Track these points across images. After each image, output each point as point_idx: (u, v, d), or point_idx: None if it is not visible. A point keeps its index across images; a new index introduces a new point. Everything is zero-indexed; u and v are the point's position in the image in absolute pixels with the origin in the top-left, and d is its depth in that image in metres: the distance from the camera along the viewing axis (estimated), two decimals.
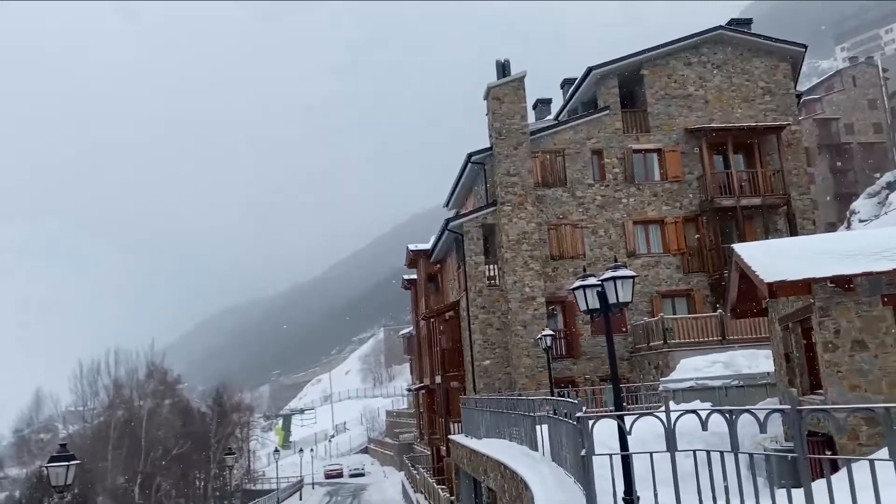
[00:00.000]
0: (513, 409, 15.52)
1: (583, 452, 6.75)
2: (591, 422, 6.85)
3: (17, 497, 47.03)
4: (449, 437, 24.95)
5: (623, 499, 6.66)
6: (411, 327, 55.08)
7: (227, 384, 68.60)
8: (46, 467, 15.63)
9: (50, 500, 39.00)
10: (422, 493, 37.05)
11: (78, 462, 15.87)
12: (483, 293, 26.17)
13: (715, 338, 21.76)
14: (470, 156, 27.50)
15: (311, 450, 77.69)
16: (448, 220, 27.79)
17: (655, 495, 6.45)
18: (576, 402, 8.67)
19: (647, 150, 27.39)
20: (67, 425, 59.91)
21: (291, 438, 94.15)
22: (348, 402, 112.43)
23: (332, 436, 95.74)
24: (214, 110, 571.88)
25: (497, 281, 26.18)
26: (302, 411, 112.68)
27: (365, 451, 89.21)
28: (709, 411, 6.02)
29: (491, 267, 26.51)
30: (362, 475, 71.84)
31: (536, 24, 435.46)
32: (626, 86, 28.11)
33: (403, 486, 47.61)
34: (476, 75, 40.54)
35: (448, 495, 27.17)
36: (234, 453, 40.34)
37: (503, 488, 14.40)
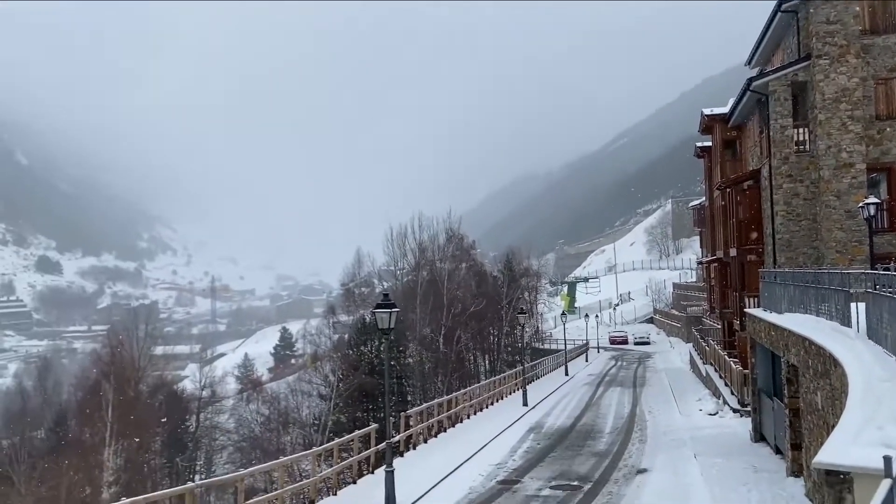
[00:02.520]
0: (823, 283, 14.35)
1: None
2: None
3: (347, 338, 55.58)
4: (745, 310, 23.96)
5: None
6: (702, 198, 52.46)
7: (516, 251, 72.25)
8: (374, 312, 18.21)
9: (372, 340, 45.49)
10: (711, 364, 36.51)
11: (397, 310, 18.24)
12: (789, 160, 23.82)
13: None
14: (780, 3, 24.37)
15: (596, 316, 79.85)
16: (750, 80, 25.29)
17: None
18: None
19: None
20: (382, 282, 68.19)
21: (576, 305, 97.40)
22: (632, 274, 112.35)
23: (617, 304, 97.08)
24: None
25: (807, 146, 23.58)
26: (586, 279, 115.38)
27: (650, 321, 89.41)
28: None
29: (800, 131, 23.86)
30: (647, 343, 72.53)
31: None
32: None
33: (691, 356, 47.26)
34: None
35: (741, 368, 26.45)
36: (525, 312, 43.05)
37: (806, 364, 13.65)
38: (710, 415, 27.53)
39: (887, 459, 4.18)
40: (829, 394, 11.59)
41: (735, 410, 26.31)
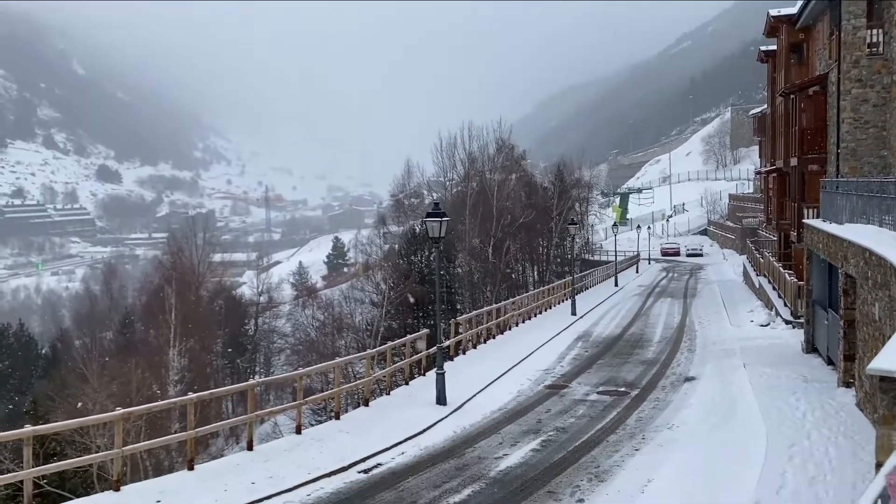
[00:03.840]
0: (889, 193, 13.83)
1: None
2: None
3: (397, 248, 56.36)
4: (803, 221, 23.35)
5: None
6: (764, 105, 50.35)
7: (567, 161, 71.06)
8: (424, 221, 18.38)
9: (422, 250, 46.03)
10: (764, 276, 35.99)
11: (448, 219, 18.34)
12: (860, 63, 22.53)
13: None
14: None
15: (648, 228, 78.82)
16: None
17: None
18: None
19: None
20: (431, 192, 68.23)
21: (628, 216, 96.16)
22: (687, 184, 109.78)
23: (670, 215, 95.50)
24: None
25: (880, 48, 22.20)
26: (640, 190, 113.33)
27: (703, 232, 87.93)
28: None
29: (873, 32, 22.41)
30: (700, 255, 71.59)
31: None
32: None
33: (745, 268, 46.59)
34: None
35: (795, 280, 26.03)
36: (575, 223, 42.76)
37: (865, 275, 13.35)
38: (762, 326, 27.36)
39: None
40: (888, 305, 11.38)
41: (787, 322, 26.07)
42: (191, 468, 12.36)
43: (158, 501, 10.85)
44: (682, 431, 14.63)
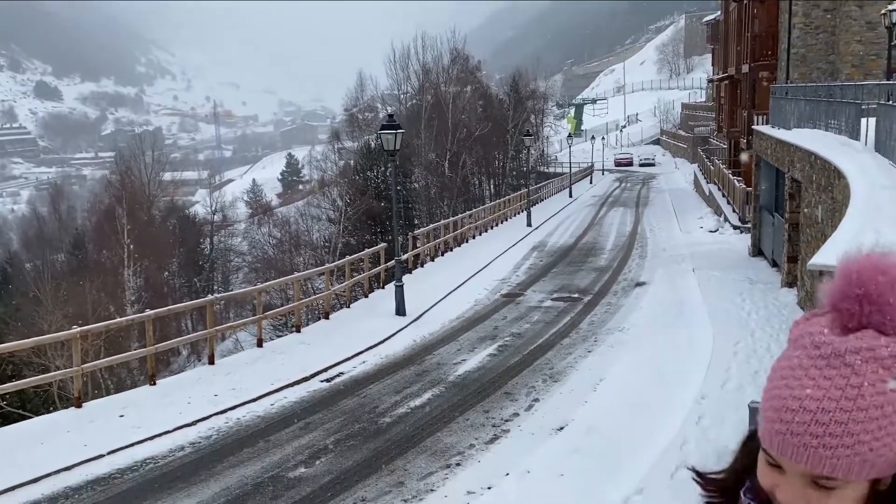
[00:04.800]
0: (835, 97, 14.09)
1: None
2: None
3: (353, 164, 55.69)
4: (753, 127, 23.71)
5: None
6: (718, 12, 50.03)
7: (522, 72, 70.18)
8: (379, 134, 18.14)
9: (378, 165, 45.58)
10: (715, 183, 36.74)
11: (402, 131, 18.14)
12: None
13: None
14: None
15: (602, 138, 79.12)
16: None
17: None
18: None
19: None
20: (385, 106, 66.99)
21: (583, 127, 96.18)
22: (641, 94, 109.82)
23: (624, 126, 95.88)
24: None
25: None
26: (594, 101, 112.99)
27: (656, 142, 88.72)
28: None
29: None
30: (652, 165, 72.48)
31: None
32: None
33: (695, 176, 47.43)
34: None
35: (744, 186, 26.66)
36: (531, 134, 42.66)
37: (810, 179, 13.75)
38: (711, 232, 28.14)
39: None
40: (830, 206, 11.79)
41: (735, 227, 26.85)
42: (153, 383, 12.47)
43: (122, 416, 10.98)
44: (632, 333, 15.19)
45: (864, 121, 12.20)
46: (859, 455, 1.02)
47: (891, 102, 10.33)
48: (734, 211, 28.79)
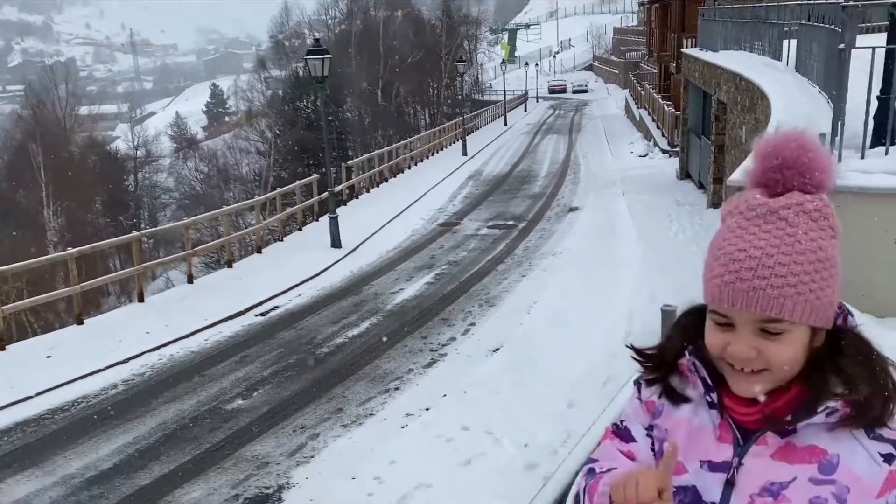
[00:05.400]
0: (760, 18, 14.26)
1: (841, 45, 6.22)
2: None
3: (281, 93, 53.97)
4: (682, 50, 23.91)
5: (878, 96, 6.21)
6: None
7: None
8: (306, 59, 17.54)
9: (307, 95, 44.29)
10: (645, 108, 37.21)
11: (331, 56, 17.59)
12: None
13: None
14: None
15: (536, 65, 78.73)
16: None
17: None
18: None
19: None
20: (313, 32, 64.74)
21: (516, 53, 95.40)
22: (574, 19, 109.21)
23: (557, 52, 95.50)
24: None
25: None
26: (527, 26, 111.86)
27: (589, 68, 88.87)
28: None
29: None
30: (585, 91, 72.78)
31: None
32: None
33: (626, 102, 47.89)
34: None
35: (673, 110, 27.07)
36: (464, 61, 42.01)
37: (735, 100, 14.03)
38: (641, 157, 28.63)
39: None
40: (754, 126, 12.08)
41: (664, 151, 27.38)
42: (80, 323, 12.10)
43: (49, 356, 10.67)
44: (565, 257, 15.49)
45: (786, 42, 12.42)
46: (803, 295, 1.10)
47: (811, 22, 10.50)
48: (663, 135, 29.30)
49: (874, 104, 6.24)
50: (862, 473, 1.11)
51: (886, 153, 5.53)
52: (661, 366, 1.29)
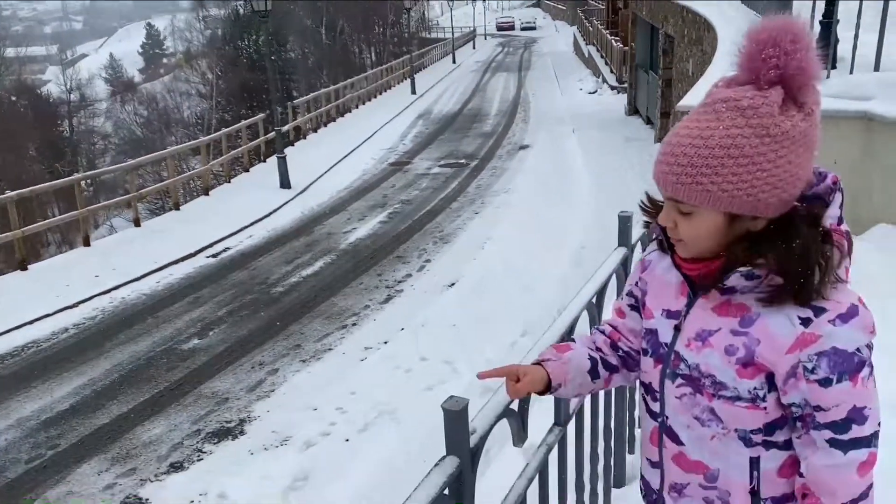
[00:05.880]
0: None
1: None
2: None
3: (221, 33, 52.08)
4: None
5: (821, 21, 6.34)
6: None
7: None
8: None
9: (249, 34, 42.77)
10: (594, 45, 37.14)
11: None
12: None
13: None
14: None
15: (484, 2, 77.48)
16: None
17: None
18: None
19: None
20: None
21: None
22: None
23: None
24: None
25: None
26: None
27: (537, 4, 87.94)
28: None
29: None
30: (534, 28, 72.13)
31: None
32: None
33: (575, 39, 47.69)
34: None
35: (621, 46, 27.09)
36: None
37: (682, 33, 14.12)
38: (590, 93, 28.71)
39: None
40: (700, 59, 12.22)
41: (613, 88, 27.50)
42: (24, 268, 11.76)
43: None
44: (517, 195, 15.59)
45: None
46: (701, 185, 1.21)
47: None
48: (612, 72, 29.37)
49: (817, 28, 6.38)
50: (775, 331, 1.24)
51: (828, 77, 5.67)
52: (657, 213, 1.40)
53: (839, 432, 1.23)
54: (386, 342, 8.72)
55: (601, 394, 2.58)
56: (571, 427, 2.27)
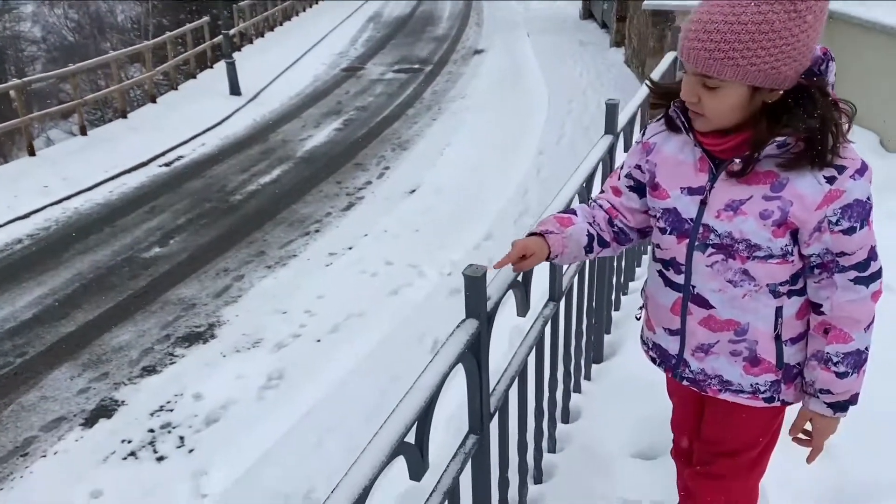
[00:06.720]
0: None
1: None
2: None
3: None
4: None
5: None
6: None
7: None
8: None
9: None
10: None
11: None
12: None
13: None
14: None
15: None
16: None
17: None
18: None
19: None
20: None
21: None
22: None
23: None
24: None
25: None
26: None
27: None
28: None
29: None
30: None
31: None
32: None
33: None
34: None
35: None
36: None
37: None
38: None
39: None
40: None
41: None
42: None
43: None
44: (473, 100, 15.47)
45: None
46: (733, 60, 1.28)
47: None
48: None
49: None
50: (805, 192, 1.37)
51: None
52: (664, 95, 1.51)
53: (861, 270, 1.42)
54: (350, 248, 8.79)
55: (586, 276, 2.72)
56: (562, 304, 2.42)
